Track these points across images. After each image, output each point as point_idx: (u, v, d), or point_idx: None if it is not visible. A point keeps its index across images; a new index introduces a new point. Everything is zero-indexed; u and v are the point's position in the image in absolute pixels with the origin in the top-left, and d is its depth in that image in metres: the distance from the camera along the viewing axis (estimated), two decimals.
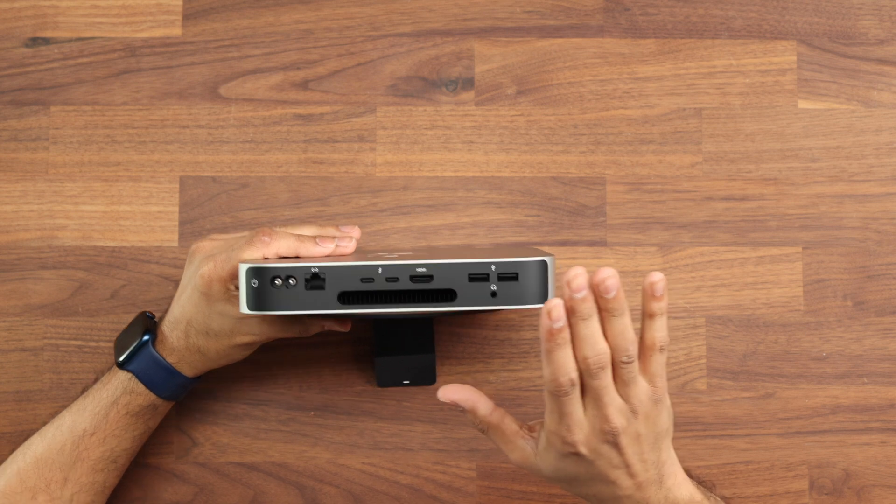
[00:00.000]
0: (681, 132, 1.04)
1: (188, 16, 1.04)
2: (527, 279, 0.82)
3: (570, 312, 0.78)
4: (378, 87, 1.04)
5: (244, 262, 0.84)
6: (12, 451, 0.95)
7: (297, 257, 0.88)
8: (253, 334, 0.90)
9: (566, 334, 0.78)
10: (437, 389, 0.97)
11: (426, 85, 1.04)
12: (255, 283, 0.82)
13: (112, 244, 1.03)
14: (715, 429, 1.02)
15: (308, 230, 0.92)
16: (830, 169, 1.03)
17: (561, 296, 0.78)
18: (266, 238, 0.87)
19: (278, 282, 0.82)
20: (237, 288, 0.87)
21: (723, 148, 1.03)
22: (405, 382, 0.99)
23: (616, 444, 0.81)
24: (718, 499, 0.88)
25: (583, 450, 0.81)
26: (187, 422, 1.01)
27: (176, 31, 1.04)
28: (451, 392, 0.85)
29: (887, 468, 1.01)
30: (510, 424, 0.85)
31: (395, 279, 0.82)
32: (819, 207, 1.03)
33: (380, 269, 0.82)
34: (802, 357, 1.02)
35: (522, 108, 1.04)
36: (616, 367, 0.79)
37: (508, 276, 0.82)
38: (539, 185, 1.03)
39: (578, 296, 0.77)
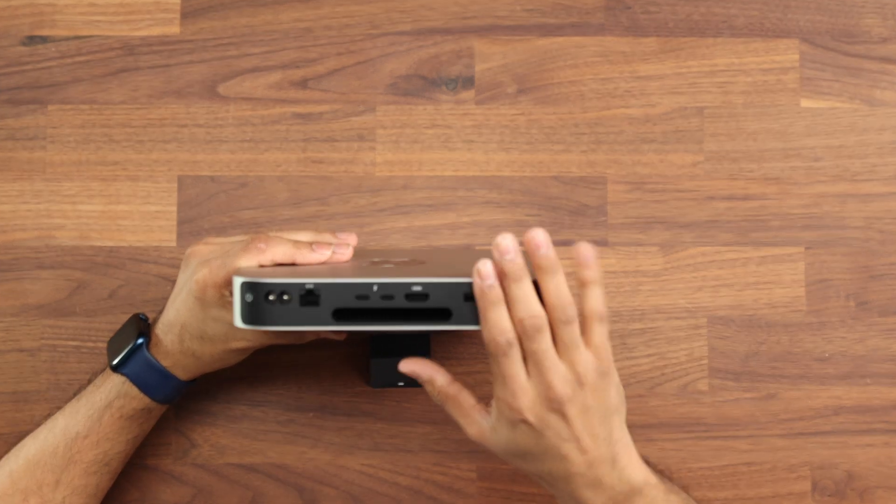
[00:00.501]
0: (682, 131, 1.03)
1: (186, 14, 1.04)
2: None
3: (502, 276, 0.80)
4: (378, 85, 1.03)
5: (239, 273, 0.83)
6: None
7: (293, 264, 0.87)
8: (247, 340, 0.90)
9: (498, 293, 0.79)
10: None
11: (426, 84, 1.03)
12: (249, 297, 0.81)
13: (110, 244, 1.02)
14: (717, 430, 1.01)
15: (304, 236, 0.91)
16: (833, 168, 1.03)
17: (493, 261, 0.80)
18: (262, 245, 0.86)
19: (272, 297, 0.81)
20: (232, 294, 0.86)
21: (725, 147, 1.03)
22: (400, 384, 0.99)
23: (563, 414, 0.81)
24: (676, 486, 0.87)
25: (529, 416, 0.81)
26: (186, 423, 1.01)
27: (174, 29, 1.04)
28: (411, 363, 0.87)
29: (890, 469, 1.01)
30: (467, 398, 0.86)
31: (391, 297, 0.81)
32: (822, 207, 1.02)
33: (375, 287, 0.81)
34: (805, 358, 1.01)
35: (523, 106, 1.03)
36: (555, 328, 0.81)
37: None
38: (540, 184, 1.03)
39: (507, 257, 0.79)
